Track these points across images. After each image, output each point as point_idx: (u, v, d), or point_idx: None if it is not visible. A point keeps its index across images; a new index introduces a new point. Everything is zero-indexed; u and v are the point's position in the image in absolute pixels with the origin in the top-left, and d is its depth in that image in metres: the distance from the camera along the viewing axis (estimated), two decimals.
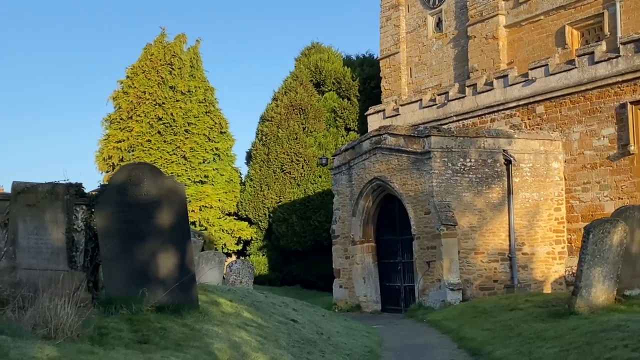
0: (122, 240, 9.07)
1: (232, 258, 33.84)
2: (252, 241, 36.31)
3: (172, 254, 9.17)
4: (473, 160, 21.05)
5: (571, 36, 25.26)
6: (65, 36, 79.83)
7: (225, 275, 21.07)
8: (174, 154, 34.66)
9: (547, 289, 21.17)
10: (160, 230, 9.18)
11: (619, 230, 11.86)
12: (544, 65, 22.84)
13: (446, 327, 15.20)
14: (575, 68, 21.84)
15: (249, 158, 37.10)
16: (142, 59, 35.83)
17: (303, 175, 33.85)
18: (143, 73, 35.43)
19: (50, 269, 8.83)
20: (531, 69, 23.24)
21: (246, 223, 35.88)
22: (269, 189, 34.52)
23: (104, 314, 8.37)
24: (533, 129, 22.82)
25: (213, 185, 35.37)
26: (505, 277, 20.96)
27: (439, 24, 30.51)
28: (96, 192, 9.34)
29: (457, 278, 20.13)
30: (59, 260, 8.98)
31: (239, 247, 36.37)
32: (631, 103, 20.25)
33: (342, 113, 35.03)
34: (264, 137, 35.33)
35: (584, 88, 21.55)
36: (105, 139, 35.67)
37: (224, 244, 35.24)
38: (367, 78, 35.30)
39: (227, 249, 35.27)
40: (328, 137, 34.65)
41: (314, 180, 33.73)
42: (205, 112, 35.62)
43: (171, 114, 34.66)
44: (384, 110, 29.46)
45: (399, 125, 25.37)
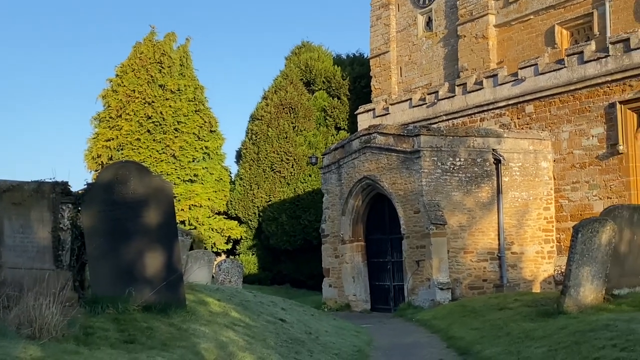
0: (109, 239, 9.00)
1: (222, 257, 33.76)
2: (242, 240, 36.25)
3: (159, 253, 9.10)
4: (462, 159, 21.05)
5: (561, 36, 25.31)
6: (54, 34, 79.49)
7: (214, 274, 21.01)
8: (164, 153, 34.54)
9: (536, 288, 21.20)
10: (147, 229, 9.10)
11: (607, 229, 11.86)
12: (533, 65, 22.87)
13: (435, 327, 15.19)
14: (565, 68, 21.88)
15: (239, 157, 37.04)
16: (132, 58, 35.70)
17: (293, 174, 33.82)
18: (132, 71, 35.30)
19: (35, 267, 8.75)
20: (521, 69, 23.27)
21: (236, 222, 35.80)
22: (258, 188, 34.46)
23: (90, 314, 8.30)
24: (522, 129, 22.85)
25: (202, 184, 35.26)
26: (495, 277, 20.98)
27: (429, 23, 30.52)
28: (83, 191, 9.26)
29: (447, 277, 20.12)
30: (44, 259, 8.90)
31: (229, 246, 36.29)
32: (620, 103, 20.29)
33: (332, 112, 35.00)
34: (253, 136, 35.26)
35: (573, 87, 21.59)
36: (94, 138, 35.51)
37: (214, 243, 35.15)
38: (357, 77, 35.28)
39: (217, 248, 35.18)
40: (318, 136, 34.62)
41: (304, 180, 33.69)
42: (195, 111, 35.53)
43: (161, 112, 34.54)
44: (374, 109, 29.44)
45: (388, 124, 25.36)
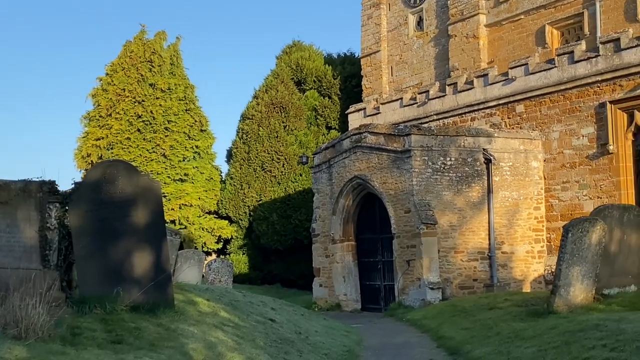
0: (97, 238, 8.94)
1: (212, 257, 33.70)
2: (233, 240, 36.17)
3: (148, 253, 9.04)
4: (453, 159, 21.05)
5: (551, 35, 25.34)
6: (44, 33, 79.15)
7: (204, 274, 20.93)
8: (154, 152, 34.41)
9: (527, 288, 21.22)
10: (135, 228, 9.04)
11: (597, 229, 11.87)
12: (524, 65, 22.89)
13: (425, 326, 15.17)
14: (555, 67, 21.90)
15: (230, 156, 36.96)
16: (122, 56, 35.55)
17: (284, 173, 33.77)
18: (123, 70, 35.14)
19: (22, 267, 8.67)
20: (511, 68, 23.29)
21: (226, 221, 35.72)
22: (249, 188, 34.40)
23: (78, 314, 8.22)
24: (513, 128, 22.87)
25: (193, 183, 35.15)
26: (485, 276, 20.99)
27: (420, 23, 30.51)
28: (70, 190, 9.18)
29: (437, 277, 20.11)
30: (31, 259, 8.81)
31: (219, 246, 36.21)
32: (610, 102, 20.33)
33: (323, 111, 34.95)
34: (244, 135, 35.18)
35: (563, 87, 21.62)
36: (84, 137, 35.34)
37: (204, 243, 35.06)
38: (348, 76, 35.25)
39: (207, 248, 35.10)
40: (309, 136, 34.57)
41: (295, 179, 33.64)
42: (186, 110, 35.41)
43: (151, 111, 34.41)
44: (365, 108, 29.42)
45: (379, 123, 25.32)
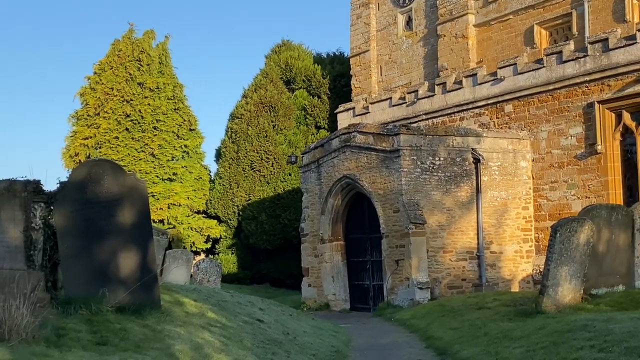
0: (82, 238, 8.85)
1: (201, 256, 33.61)
2: (221, 239, 36.09)
3: (134, 253, 8.96)
4: (442, 158, 21.04)
5: (540, 36, 25.37)
6: (32, 31, 78.72)
7: (192, 274, 20.83)
8: (142, 151, 34.30)
9: (515, 288, 21.24)
10: (121, 228, 8.95)
11: (585, 229, 11.86)
12: (512, 65, 22.91)
13: (414, 326, 15.14)
14: (544, 67, 21.93)
15: (219, 156, 36.88)
16: (110, 55, 35.44)
17: (273, 173, 33.72)
18: (111, 69, 35.03)
19: (6, 268, 8.59)
20: (500, 68, 23.31)
21: (215, 221, 35.64)
22: (238, 187, 34.32)
23: (63, 315, 8.13)
24: (502, 128, 22.89)
25: (182, 182, 35.07)
26: (474, 276, 20.99)
27: (409, 23, 30.49)
28: (56, 190, 9.09)
29: (426, 277, 20.10)
30: (16, 259, 8.72)
31: (208, 246, 36.12)
32: (598, 102, 20.37)
33: (312, 111, 34.92)
34: (233, 135, 35.10)
35: (552, 87, 21.66)
36: (72, 136, 35.23)
37: (193, 242, 34.97)
38: (338, 76, 35.21)
39: (196, 247, 35.01)
40: (298, 135, 34.53)
41: (284, 178, 33.60)
42: (174, 109, 35.31)
43: (139, 110, 34.29)
44: (354, 108, 29.39)
45: (368, 123, 25.30)
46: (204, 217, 35.74)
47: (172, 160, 35.14)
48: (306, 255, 24.45)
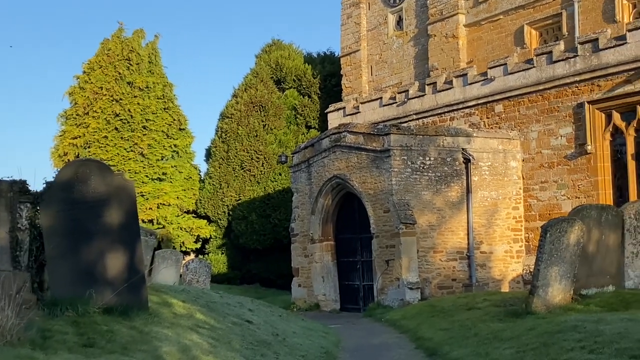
0: (69, 239, 8.76)
1: (191, 256, 33.49)
2: (211, 239, 35.96)
3: (121, 254, 8.88)
4: (432, 158, 21.01)
5: (530, 36, 25.39)
6: (20, 30, 78.27)
7: (182, 274, 20.73)
8: (132, 151, 34.14)
9: (505, 288, 21.24)
10: (108, 229, 8.87)
11: (575, 229, 11.84)
12: (502, 65, 22.91)
13: (404, 327, 15.09)
14: (534, 67, 21.94)
15: (209, 155, 36.74)
16: (99, 54, 35.26)
17: (263, 173, 33.62)
18: (100, 68, 34.85)
19: None
20: (490, 68, 23.30)
21: (205, 221, 35.51)
22: (228, 187, 34.21)
23: (49, 316, 8.04)
24: (492, 128, 22.89)
25: (171, 182, 34.92)
26: (464, 276, 20.98)
27: (399, 22, 30.47)
28: (42, 190, 9.00)
29: (416, 277, 20.07)
30: (1, 260, 8.61)
31: (198, 246, 35.98)
32: (588, 102, 20.39)
33: (303, 110, 34.85)
34: (223, 134, 34.98)
35: (542, 87, 21.67)
36: (60, 135, 35.03)
37: (182, 242, 34.83)
38: (328, 75, 35.15)
39: (186, 247, 34.87)
40: (288, 135, 34.45)
41: (274, 178, 33.51)
42: (164, 109, 35.16)
43: (129, 110, 34.13)
44: (344, 108, 29.34)
45: (359, 123, 25.26)
46: (193, 217, 35.61)
47: (162, 159, 34.98)
48: (296, 256, 24.38)
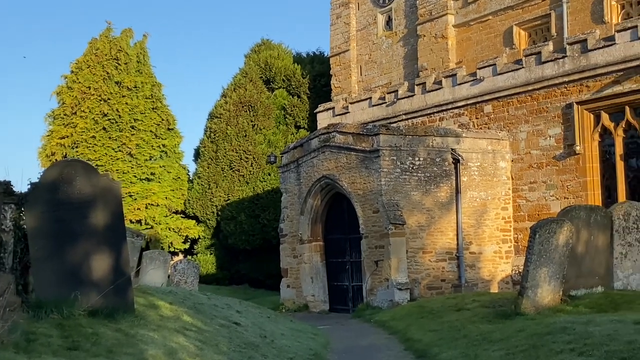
0: (54, 241, 8.64)
1: (179, 257, 33.35)
2: (200, 240, 35.85)
3: (107, 256, 8.77)
4: (422, 159, 20.97)
5: (519, 36, 25.41)
6: (7, 29, 77.79)
7: (170, 275, 20.60)
8: (120, 151, 33.98)
9: (494, 288, 21.23)
10: (94, 230, 8.76)
11: (565, 230, 11.82)
12: (491, 65, 22.91)
13: (393, 328, 15.03)
14: (523, 68, 21.94)
15: (197, 155, 36.66)
16: (87, 54, 35.10)
17: (252, 173, 33.52)
18: (88, 68, 34.68)
19: None
20: (479, 69, 23.30)
21: (194, 221, 35.39)
22: (217, 187, 34.10)
23: (33, 319, 7.92)
24: (481, 128, 22.88)
25: (160, 182, 34.77)
26: (453, 277, 20.95)
27: (389, 23, 30.45)
28: (27, 191, 8.88)
29: (405, 277, 20.02)
30: None
31: (186, 246, 35.87)
32: (577, 103, 20.41)
33: (292, 110, 34.77)
34: (212, 134, 34.87)
35: (531, 88, 21.67)
36: (48, 135, 34.86)
37: (171, 243, 34.71)
38: (318, 75, 35.10)
39: (174, 248, 34.75)
40: (278, 135, 34.37)
41: (263, 178, 33.42)
42: (152, 109, 35.02)
43: (117, 109, 33.97)
44: (334, 108, 29.29)
45: (348, 123, 25.21)
46: (182, 218, 35.48)
47: (150, 159, 34.85)
48: (285, 256, 24.29)
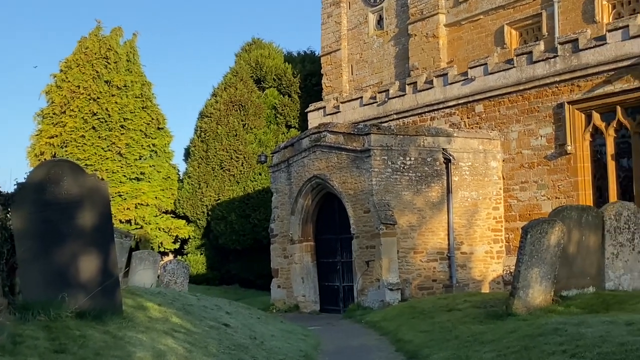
0: (41, 241, 8.53)
1: (169, 257, 33.21)
2: (190, 240, 35.71)
3: (95, 257, 8.66)
4: (413, 158, 20.91)
5: (510, 36, 25.41)
6: None
7: (159, 275, 20.48)
8: (109, 150, 33.82)
9: (485, 288, 21.20)
10: (81, 231, 8.65)
11: (556, 230, 11.78)
12: (483, 65, 22.88)
13: (384, 329, 14.96)
14: (514, 67, 21.92)
15: (188, 155, 36.53)
16: (77, 53, 34.92)
17: (242, 172, 33.41)
18: (77, 67, 34.51)
19: None
20: (470, 68, 23.26)
21: (184, 221, 35.25)
22: (207, 187, 33.97)
23: (20, 321, 7.81)
24: (472, 128, 22.85)
25: (149, 182, 34.63)
26: (444, 277, 20.91)
27: (380, 22, 30.40)
28: (13, 191, 8.77)
29: (396, 278, 19.96)
30: None
31: (176, 246, 35.73)
32: (568, 103, 20.40)
33: (283, 110, 34.68)
34: (202, 134, 34.75)
35: (522, 87, 21.65)
36: (37, 135, 34.67)
37: (161, 243, 34.56)
38: (308, 75, 35.02)
39: (164, 248, 34.60)
40: (268, 134, 34.27)
41: (254, 178, 33.31)
42: (142, 108, 34.86)
43: (106, 109, 33.81)
44: (325, 107, 29.22)
45: (339, 122, 25.13)
46: (172, 217, 35.34)
47: (140, 159, 34.70)
48: (276, 256, 24.19)
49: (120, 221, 32.63)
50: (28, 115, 74.89)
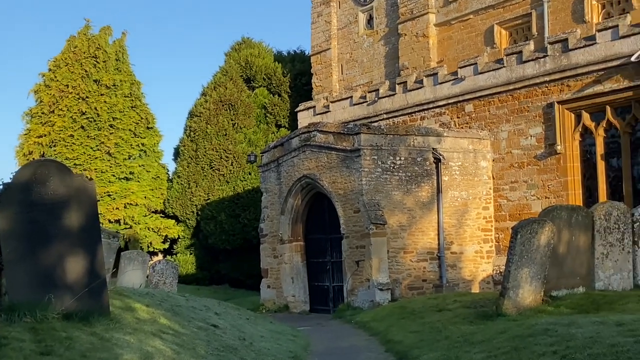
0: (27, 242, 8.44)
1: (159, 257, 33.09)
2: (180, 240, 35.59)
3: (82, 258, 8.57)
4: (403, 158, 20.88)
5: (500, 36, 25.42)
6: None
7: (148, 276, 20.38)
8: (98, 150, 33.67)
9: (475, 288, 21.20)
10: (68, 231, 8.55)
11: (546, 230, 11.77)
12: (473, 64, 22.87)
13: (374, 329, 14.91)
14: (504, 67, 21.92)
15: (177, 154, 36.40)
16: (65, 52, 34.77)
17: (232, 172, 33.32)
18: (66, 66, 34.35)
19: None
20: (460, 68, 23.26)
21: (173, 221, 35.13)
22: (197, 186, 33.85)
23: (6, 323, 7.72)
24: (462, 128, 22.84)
25: (139, 182, 34.51)
26: (434, 277, 20.88)
27: (370, 21, 30.37)
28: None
29: (386, 278, 19.92)
30: None
31: (166, 246, 35.61)
32: (558, 102, 20.42)
33: (273, 109, 34.61)
34: (192, 133, 34.63)
35: (512, 87, 21.66)
36: (25, 134, 34.50)
37: (150, 243, 34.43)
38: (298, 74, 34.96)
39: (153, 248, 34.48)
40: (258, 134, 34.19)
41: (244, 178, 33.23)
42: (131, 107, 34.75)
43: (95, 108, 33.67)
44: (315, 107, 29.16)
45: (329, 122, 25.08)
46: (161, 217, 35.22)
47: (129, 159, 34.58)
48: (265, 256, 24.12)
49: (109, 221, 32.48)
50: (16, 115, 74.50)
